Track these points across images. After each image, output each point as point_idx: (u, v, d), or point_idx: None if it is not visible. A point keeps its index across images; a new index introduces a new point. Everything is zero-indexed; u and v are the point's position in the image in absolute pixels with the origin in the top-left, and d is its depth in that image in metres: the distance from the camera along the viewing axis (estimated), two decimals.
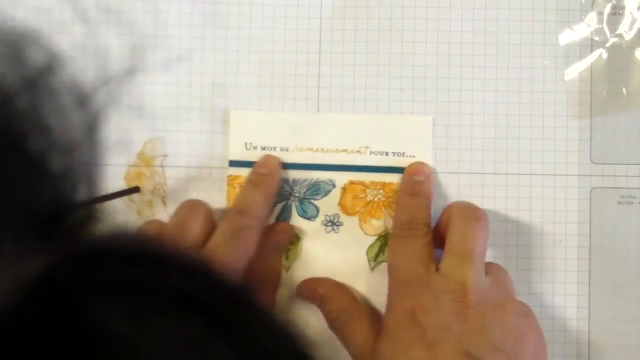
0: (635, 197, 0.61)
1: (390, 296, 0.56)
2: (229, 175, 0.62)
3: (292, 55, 0.63)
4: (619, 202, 0.61)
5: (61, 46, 0.62)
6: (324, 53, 0.63)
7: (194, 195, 0.62)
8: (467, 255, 0.55)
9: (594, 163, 0.61)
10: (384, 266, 0.61)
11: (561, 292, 0.61)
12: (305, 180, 0.61)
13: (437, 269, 0.55)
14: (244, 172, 0.61)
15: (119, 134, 0.62)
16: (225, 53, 0.63)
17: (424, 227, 0.58)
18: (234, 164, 0.62)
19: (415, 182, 0.60)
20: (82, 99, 0.32)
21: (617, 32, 0.62)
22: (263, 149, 0.61)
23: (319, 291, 0.59)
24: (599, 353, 0.61)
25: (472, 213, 0.58)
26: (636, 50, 0.62)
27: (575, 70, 0.62)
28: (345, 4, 0.62)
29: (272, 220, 0.61)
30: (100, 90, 0.34)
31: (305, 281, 0.61)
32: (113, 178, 0.62)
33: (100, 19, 0.63)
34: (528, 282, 0.61)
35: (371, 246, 0.61)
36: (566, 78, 0.62)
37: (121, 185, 0.62)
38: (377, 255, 0.61)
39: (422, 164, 0.61)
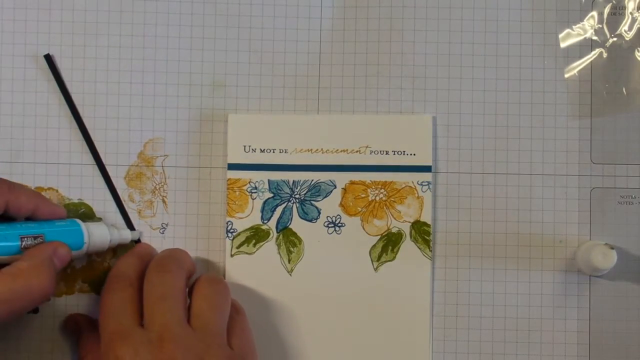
0: (635, 197, 0.61)
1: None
2: (229, 179, 0.62)
3: (293, 56, 0.63)
4: (619, 202, 0.61)
5: (61, 47, 0.62)
6: (324, 53, 0.63)
7: (194, 195, 0.62)
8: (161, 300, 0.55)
9: (594, 163, 0.62)
10: (387, 266, 0.61)
11: (561, 292, 0.61)
12: (305, 181, 0.62)
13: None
14: (244, 175, 0.61)
15: (120, 134, 0.62)
16: (226, 53, 0.63)
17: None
18: (233, 167, 0.62)
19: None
20: None
21: (617, 32, 0.62)
22: (262, 151, 0.61)
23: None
24: (599, 353, 0.61)
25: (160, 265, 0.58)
26: (636, 50, 0.62)
27: (575, 70, 0.62)
28: (346, 4, 0.62)
29: (274, 223, 0.62)
30: None
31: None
32: (114, 178, 0.62)
33: (101, 19, 0.63)
34: (528, 283, 0.61)
35: (374, 246, 0.61)
36: (566, 78, 0.62)
37: (122, 185, 0.62)
38: (380, 256, 0.61)
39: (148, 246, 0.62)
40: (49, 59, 0.62)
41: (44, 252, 0.55)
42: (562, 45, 0.62)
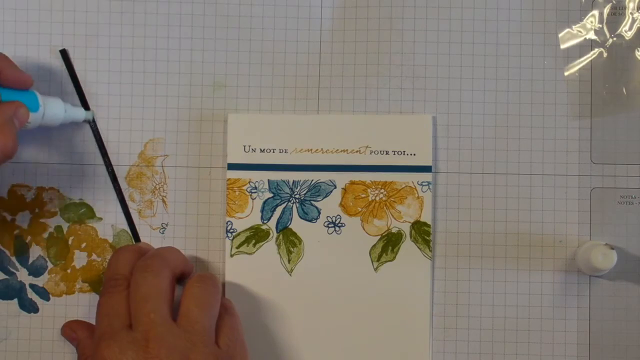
0: (635, 197, 0.61)
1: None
2: (229, 179, 0.62)
3: (293, 56, 0.63)
4: (619, 202, 0.61)
5: (63, 47, 0.62)
6: (324, 53, 0.63)
7: (194, 195, 0.62)
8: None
9: (594, 163, 0.62)
10: (387, 266, 0.61)
11: (561, 292, 0.61)
12: (305, 181, 0.62)
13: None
14: (243, 175, 0.61)
15: (121, 134, 0.62)
16: (226, 54, 0.63)
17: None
18: (232, 167, 0.62)
19: None
20: None
21: (617, 32, 0.62)
22: (262, 151, 0.62)
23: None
24: (599, 353, 0.61)
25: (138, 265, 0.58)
26: (636, 50, 0.62)
27: (575, 70, 0.62)
28: (346, 4, 0.62)
29: (273, 223, 0.62)
30: None
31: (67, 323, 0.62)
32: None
33: (102, 20, 0.63)
34: (528, 283, 0.61)
35: (374, 247, 0.61)
36: (566, 78, 0.62)
37: (123, 185, 0.62)
38: (380, 256, 0.61)
39: None
40: (65, 54, 0.63)
41: (5, 113, 0.55)
42: (562, 45, 0.62)
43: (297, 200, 0.62)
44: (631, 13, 0.62)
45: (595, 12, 0.62)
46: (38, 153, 0.62)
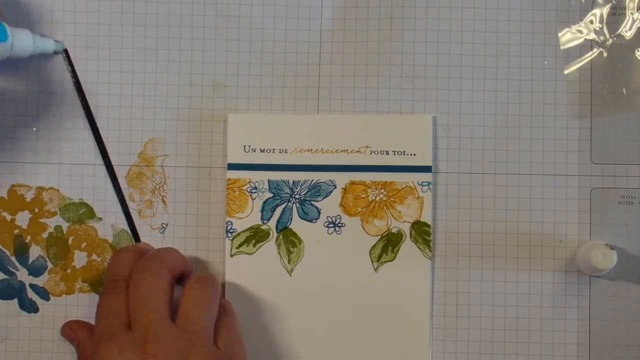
0: (635, 197, 0.61)
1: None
2: (229, 179, 0.62)
3: (293, 56, 0.63)
4: (619, 202, 0.61)
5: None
6: (324, 53, 0.63)
7: (194, 195, 0.62)
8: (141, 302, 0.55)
9: (594, 163, 0.62)
10: (387, 267, 0.61)
11: (561, 292, 0.61)
12: (305, 181, 0.62)
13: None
14: (243, 175, 0.61)
15: (122, 134, 0.62)
16: (226, 54, 0.63)
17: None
18: (232, 167, 0.62)
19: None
20: None
21: (617, 32, 0.62)
22: (262, 151, 0.62)
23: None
24: (599, 353, 0.61)
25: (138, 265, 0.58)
26: (636, 50, 0.62)
27: (575, 70, 0.62)
28: (346, 4, 0.62)
29: (274, 223, 0.62)
30: None
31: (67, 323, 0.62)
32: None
33: (102, 20, 0.63)
34: (528, 283, 0.61)
35: (374, 247, 0.61)
36: (566, 78, 0.62)
37: (123, 185, 0.62)
38: (380, 256, 0.61)
39: None
40: (65, 54, 0.63)
41: None
42: (562, 45, 0.62)
43: (297, 200, 0.62)
44: (631, 13, 0.62)
45: (596, 12, 0.62)
46: (38, 153, 0.62)
